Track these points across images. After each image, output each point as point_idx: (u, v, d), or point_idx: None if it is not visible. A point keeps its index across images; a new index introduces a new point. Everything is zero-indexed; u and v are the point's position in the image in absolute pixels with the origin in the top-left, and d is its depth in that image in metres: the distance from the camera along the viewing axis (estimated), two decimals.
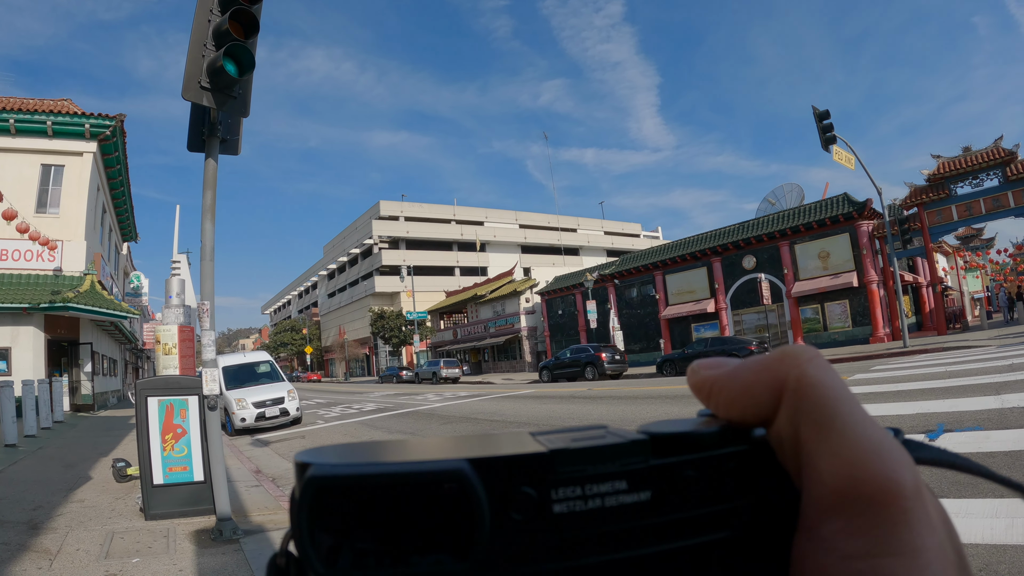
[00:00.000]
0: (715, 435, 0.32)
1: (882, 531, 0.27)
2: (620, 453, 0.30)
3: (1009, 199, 27.35)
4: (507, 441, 0.31)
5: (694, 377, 0.37)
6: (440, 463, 0.27)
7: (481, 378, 43.44)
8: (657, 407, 13.30)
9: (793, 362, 0.32)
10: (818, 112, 21.74)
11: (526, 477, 0.28)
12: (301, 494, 0.26)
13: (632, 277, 40.58)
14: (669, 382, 21.05)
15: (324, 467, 0.27)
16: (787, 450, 0.31)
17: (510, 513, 0.28)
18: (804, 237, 32.07)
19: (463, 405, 19.06)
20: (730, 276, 35.15)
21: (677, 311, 37.23)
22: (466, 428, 13.44)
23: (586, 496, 0.29)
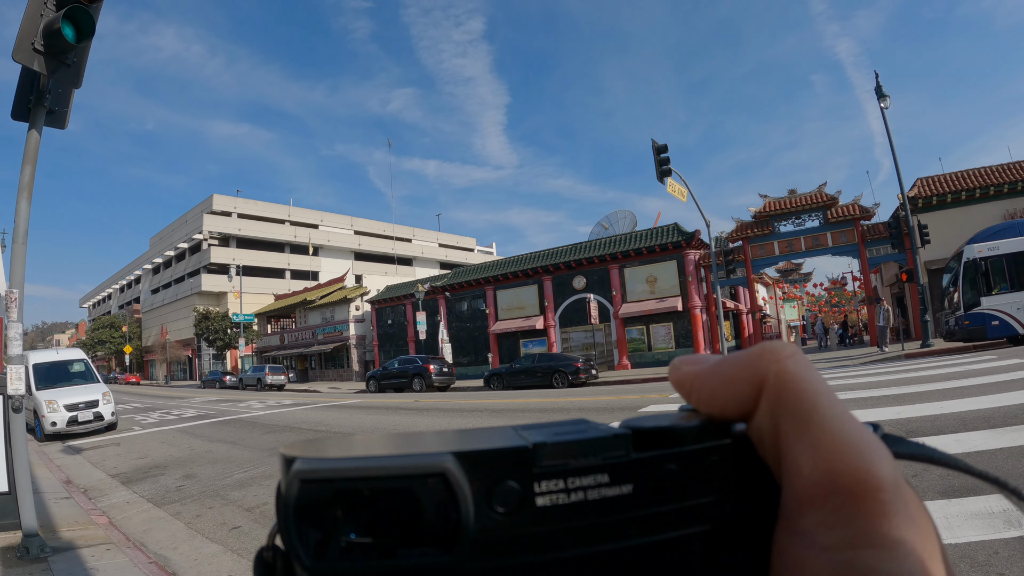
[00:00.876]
0: (696, 430, 0.32)
1: (860, 523, 0.27)
2: (602, 447, 0.30)
3: (828, 239, 29.62)
4: (490, 435, 0.31)
5: (676, 373, 0.37)
6: (424, 457, 0.27)
7: (307, 386, 41.58)
8: (483, 420, 13.06)
9: (773, 357, 0.32)
10: (657, 145, 22.17)
11: (509, 470, 0.28)
12: (287, 488, 0.27)
13: (464, 291, 39.98)
14: (496, 396, 21.12)
15: (310, 461, 0.27)
16: (767, 444, 0.31)
17: (494, 506, 0.28)
18: (634, 262, 32.95)
19: (287, 414, 18.44)
20: (560, 295, 35.48)
21: (507, 326, 36.96)
22: (289, 438, 12.43)
23: (568, 489, 0.29)
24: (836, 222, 29.49)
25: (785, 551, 0.29)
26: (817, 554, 0.28)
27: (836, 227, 29.56)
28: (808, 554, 0.28)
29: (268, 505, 6.62)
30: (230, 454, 10.78)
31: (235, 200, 69.68)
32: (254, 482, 8.13)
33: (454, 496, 0.27)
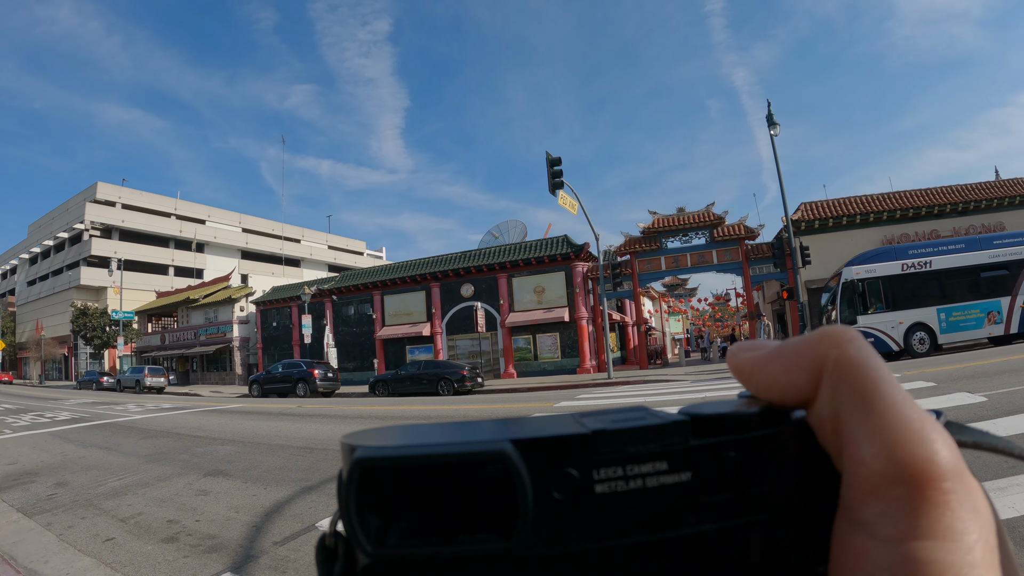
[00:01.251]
0: (755, 416, 0.31)
1: (923, 514, 0.26)
2: (661, 434, 0.29)
3: (713, 256, 30.37)
4: (548, 423, 0.30)
5: (734, 359, 0.36)
6: (484, 443, 0.27)
7: (188, 389, 39.16)
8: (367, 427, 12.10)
9: (832, 342, 0.31)
10: (551, 158, 22.18)
11: (568, 457, 0.28)
12: (349, 474, 0.27)
13: (351, 294, 38.97)
14: (381, 403, 20.72)
15: (370, 449, 0.27)
16: (827, 432, 0.30)
17: (552, 493, 0.28)
18: (523, 271, 32.92)
19: (166, 418, 17.34)
20: (448, 302, 35.07)
21: (393, 332, 36.15)
22: (167, 443, 11.50)
23: (627, 476, 0.28)
24: (722, 240, 30.25)
25: (845, 541, 0.29)
26: (877, 545, 0.27)
27: (722, 245, 30.31)
28: (868, 544, 0.27)
29: (144, 515, 6.02)
30: (105, 460, 9.87)
31: (120, 189, 65.71)
32: (129, 491, 7.36)
33: (513, 482, 0.27)
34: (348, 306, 39.32)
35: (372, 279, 38.30)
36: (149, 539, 5.20)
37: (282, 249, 73.91)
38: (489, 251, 35.16)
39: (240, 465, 8.44)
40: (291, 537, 4.91)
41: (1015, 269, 19.87)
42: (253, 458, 8.98)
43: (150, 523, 5.70)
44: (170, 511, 6.10)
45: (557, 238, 33.37)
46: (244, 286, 50.14)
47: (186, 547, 4.90)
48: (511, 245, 35.09)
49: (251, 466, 8.31)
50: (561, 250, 31.90)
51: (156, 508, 6.27)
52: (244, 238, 72.58)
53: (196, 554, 4.71)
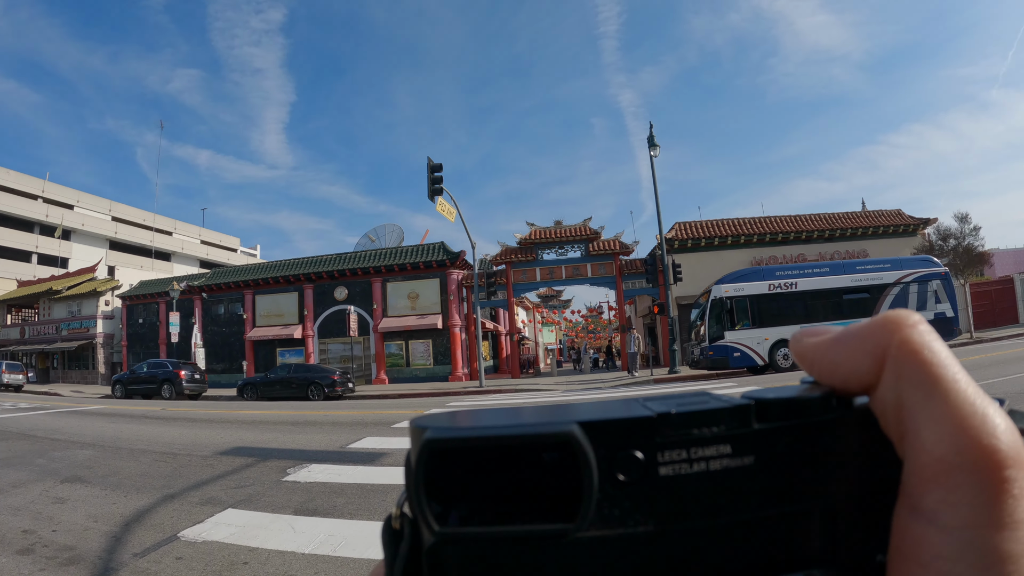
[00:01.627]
0: (818, 401, 0.31)
1: (986, 501, 0.26)
2: (725, 417, 0.30)
3: (588, 269, 31.08)
4: (614, 406, 0.31)
5: (798, 345, 0.36)
6: (550, 425, 0.27)
7: (48, 387, 37.06)
8: (233, 432, 12.13)
9: (895, 327, 0.31)
10: (432, 164, 22.15)
11: (633, 440, 0.28)
12: (418, 456, 0.27)
13: (222, 292, 37.65)
14: (249, 406, 20.14)
15: (440, 430, 0.27)
16: (890, 418, 0.30)
17: (617, 475, 0.28)
18: (397, 276, 32.78)
19: (23, 419, 16.42)
20: (321, 304, 34.54)
21: (264, 334, 35.15)
22: (23, 446, 10.76)
23: (691, 459, 0.29)
24: (597, 255, 30.99)
25: (905, 529, 0.28)
26: (939, 533, 0.27)
27: (597, 259, 31.06)
28: (929, 533, 0.27)
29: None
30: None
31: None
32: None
33: (579, 463, 0.27)
34: (218, 305, 37.99)
35: (244, 277, 37.18)
36: (3, 551, 4.87)
37: (153, 241, 69.90)
38: (365, 254, 34.86)
39: (100, 471, 8.05)
40: (152, 548, 4.71)
41: (875, 293, 21.33)
42: (114, 463, 8.60)
43: (4, 533, 5.34)
44: (25, 520, 5.75)
45: (434, 244, 33.42)
46: (111, 279, 47.48)
47: (42, 559, 4.62)
48: (387, 249, 34.93)
49: (111, 472, 7.95)
50: (437, 257, 31.93)
51: (10, 517, 5.89)
52: (114, 227, 68.46)
53: (53, 567, 4.44)
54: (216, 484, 6.85)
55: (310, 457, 8.48)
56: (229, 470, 7.70)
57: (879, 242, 31.18)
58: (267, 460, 8.34)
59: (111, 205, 70.27)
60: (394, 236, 40.87)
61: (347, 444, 9.55)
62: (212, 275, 40.42)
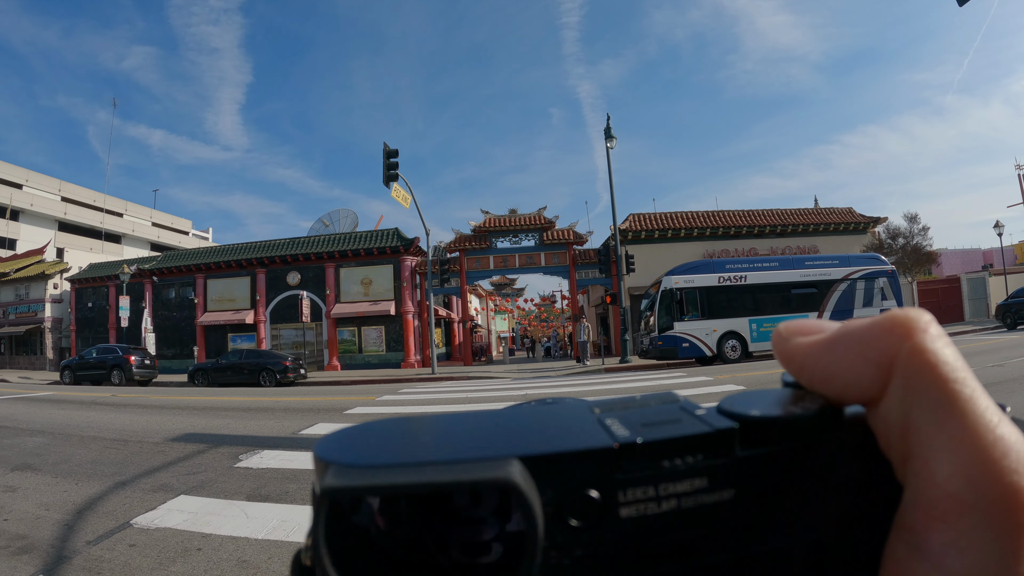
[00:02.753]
0: (812, 420, 0.27)
1: (1002, 549, 0.23)
2: (702, 445, 0.26)
3: (542, 258, 31.39)
4: (563, 425, 0.27)
5: (784, 345, 0.31)
6: (486, 466, 0.23)
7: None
8: (185, 418, 12.02)
9: (906, 332, 0.27)
10: (388, 149, 22.12)
11: (589, 477, 0.24)
12: (317, 504, 0.23)
13: (173, 276, 37.10)
14: (200, 392, 20.06)
15: (345, 473, 0.23)
16: (893, 438, 0.26)
17: (568, 519, 0.24)
18: (351, 262, 32.71)
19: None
20: (273, 289, 34.20)
21: (215, 318, 34.77)
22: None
23: (659, 497, 0.25)
24: (551, 244, 31.30)
25: (903, 570, 0.25)
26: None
27: (550, 248, 31.38)
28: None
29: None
30: None
31: None
32: None
33: (521, 510, 0.23)
34: (169, 289, 37.43)
35: (196, 261, 36.72)
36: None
37: (103, 223, 68.44)
38: (319, 239, 34.66)
39: (50, 459, 7.97)
40: (105, 535, 4.70)
41: (823, 288, 21.82)
42: (64, 451, 8.52)
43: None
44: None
45: (388, 231, 33.43)
46: (59, 261, 46.49)
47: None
48: (341, 235, 34.78)
49: (62, 459, 7.88)
50: (391, 243, 31.96)
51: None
52: (63, 208, 66.51)
53: (5, 556, 4.42)
54: (168, 471, 6.86)
55: (262, 443, 8.47)
56: (181, 456, 7.69)
57: (830, 239, 32.06)
58: (219, 446, 8.34)
59: (61, 185, 68.34)
60: (348, 221, 40.62)
61: (299, 430, 9.57)
62: (163, 258, 39.78)
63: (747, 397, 0.29)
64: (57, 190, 67.07)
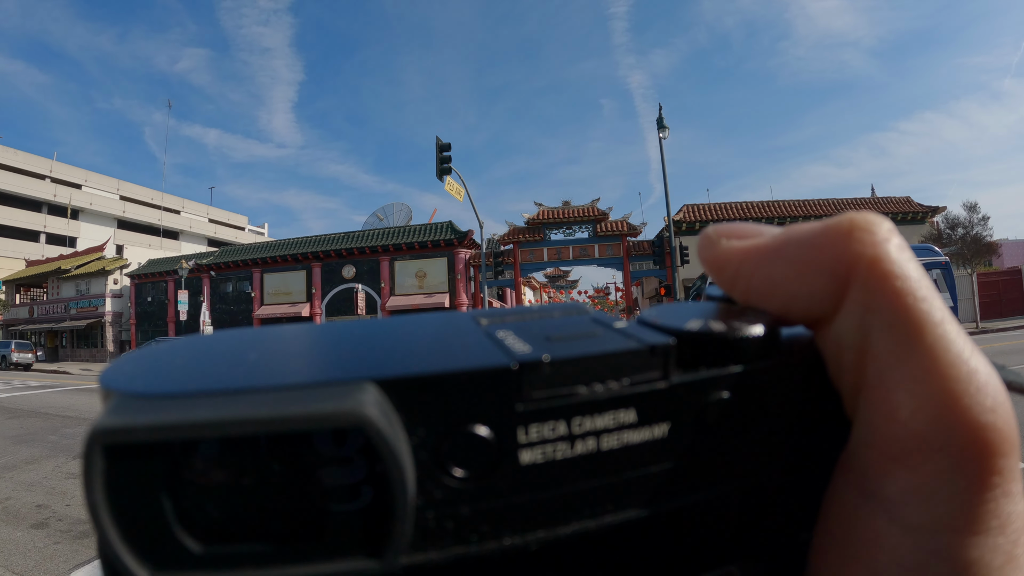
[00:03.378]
0: (760, 340, 0.22)
1: (971, 498, 0.20)
2: (631, 365, 0.20)
3: (595, 250, 31.00)
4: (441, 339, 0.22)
5: (713, 249, 0.27)
6: (326, 392, 0.17)
7: (57, 366, 37.46)
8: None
9: (867, 238, 0.23)
10: (440, 143, 22.11)
11: (477, 409, 0.19)
12: (86, 454, 0.17)
13: (230, 271, 37.79)
14: None
15: (127, 405, 0.17)
16: (845, 363, 0.23)
17: (449, 468, 0.19)
18: (405, 255, 32.80)
19: (33, 397, 16.72)
20: (328, 283, 34.51)
21: (271, 311, 35.24)
22: (35, 424, 10.86)
23: (573, 436, 0.19)
24: (604, 235, 30.90)
25: (853, 518, 0.22)
26: (901, 534, 0.20)
27: (604, 240, 30.95)
28: (890, 532, 0.21)
29: (12, 500, 5.76)
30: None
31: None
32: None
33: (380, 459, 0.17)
34: (227, 283, 38.18)
35: (252, 256, 37.30)
36: (18, 525, 4.99)
37: (161, 220, 70.25)
38: (373, 233, 34.90)
39: None
40: None
41: None
42: None
43: (19, 508, 5.49)
44: (39, 495, 5.89)
45: (442, 223, 33.41)
46: (119, 257, 47.87)
47: (57, 532, 4.74)
48: (395, 228, 34.99)
49: None
50: (445, 236, 31.93)
51: (25, 492, 6.04)
52: (122, 206, 68.76)
53: (67, 540, 4.54)
54: None
55: None
56: None
57: None
58: None
59: (119, 184, 70.34)
60: (402, 215, 40.92)
61: None
62: (220, 253, 40.63)
63: (673, 308, 0.24)
64: (115, 189, 68.88)
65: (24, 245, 59.93)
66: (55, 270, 47.90)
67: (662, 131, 25.71)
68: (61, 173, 64.87)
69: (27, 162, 62.85)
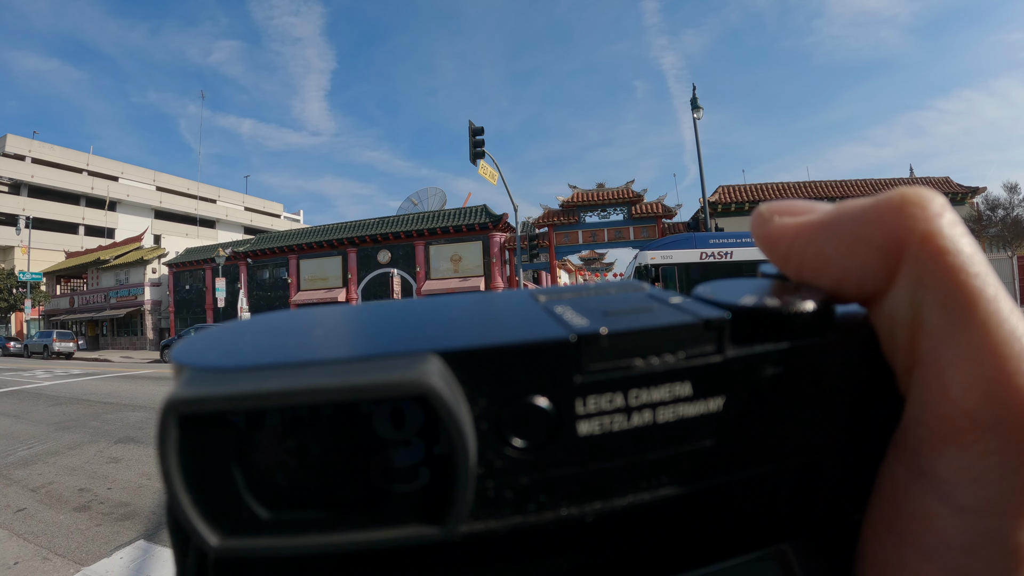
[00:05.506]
0: (814, 315, 0.22)
1: (1020, 479, 0.19)
2: (687, 338, 0.21)
3: (630, 232, 30.69)
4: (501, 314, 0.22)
5: (765, 227, 0.27)
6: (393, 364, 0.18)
7: (98, 354, 38.01)
8: None
9: (919, 213, 0.22)
10: (473, 127, 22.03)
11: (537, 381, 0.19)
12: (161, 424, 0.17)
13: (267, 258, 38.13)
14: None
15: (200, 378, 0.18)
16: (899, 340, 0.22)
17: (509, 438, 0.19)
18: (440, 239, 32.77)
19: (75, 384, 16.94)
20: (364, 268, 34.67)
21: (308, 297, 35.33)
22: (77, 410, 11.07)
23: (629, 408, 0.20)
24: (640, 218, 30.61)
25: (903, 497, 0.22)
26: (951, 515, 0.20)
27: (639, 222, 30.64)
28: (938, 512, 0.20)
29: (55, 484, 5.91)
30: (13, 429, 9.50)
31: (31, 143, 62.06)
32: (39, 459, 7.13)
33: (444, 429, 0.18)
34: (263, 270, 38.51)
35: (288, 243, 37.57)
36: (61, 508, 5.08)
37: (197, 209, 71.14)
38: (408, 218, 34.93)
39: (151, 432, 8.16)
40: None
41: None
42: None
43: (61, 492, 5.59)
44: (82, 479, 5.98)
45: (476, 207, 33.35)
46: (157, 247, 48.57)
47: (99, 515, 4.81)
48: (430, 212, 34.95)
49: None
50: (480, 220, 31.89)
51: (67, 477, 6.14)
52: (158, 197, 69.65)
53: (109, 522, 4.62)
54: None
55: None
56: None
57: None
58: None
59: (155, 175, 71.20)
60: (436, 200, 40.98)
61: None
62: (256, 241, 40.92)
63: (729, 284, 0.24)
64: (152, 180, 69.86)
65: (64, 237, 61.10)
66: (94, 261, 48.77)
67: (696, 111, 25.35)
68: (98, 166, 65.97)
69: (64, 157, 64.01)
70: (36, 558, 4.06)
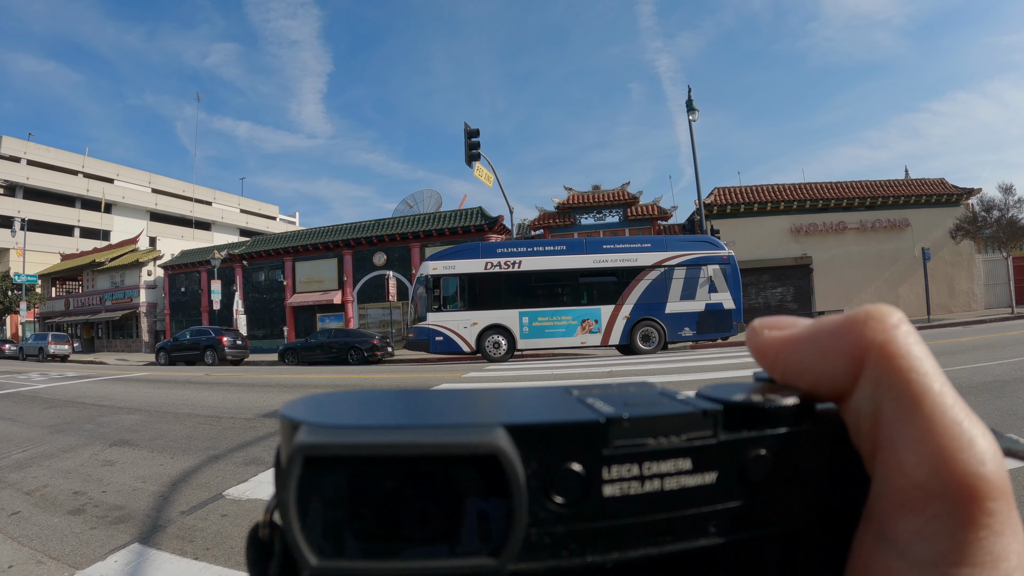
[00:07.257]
0: (791, 410, 0.27)
1: (964, 537, 0.24)
2: (688, 424, 0.26)
3: (626, 234, 30.54)
4: (546, 401, 0.27)
5: (757, 338, 0.32)
6: (471, 431, 0.23)
7: (93, 357, 38.13)
8: (276, 395, 12.31)
9: (878, 326, 0.27)
10: (469, 129, 22.12)
11: (575, 451, 0.24)
12: (288, 462, 0.22)
13: (262, 260, 38.08)
14: (290, 371, 20.42)
15: (318, 430, 0.22)
16: (863, 430, 0.27)
17: (552, 495, 0.24)
18: (436, 241, 32.65)
19: (70, 387, 16.68)
20: (360, 270, 34.73)
21: (304, 299, 35.54)
22: (72, 413, 11.02)
23: (643, 476, 0.25)
24: (635, 219, 30.91)
25: (870, 557, 0.26)
26: (908, 567, 0.24)
27: (635, 224, 30.91)
28: (898, 567, 0.25)
29: (49, 488, 5.83)
30: (7, 432, 9.42)
31: (26, 144, 61.92)
32: (34, 462, 7.10)
33: (506, 483, 0.22)
34: (259, 272, 38.50)
35: (284, 245, 37.58)
36: (56, 511, 5.05)
37: (193, 211, 71.06)
38: (403, 220, 34.95)
39: (146, 434, 8.24)
40: (198, 506, 4.85)
41: (624, 277, 19.15)
42: (159, 427, 8.79)
43: (56, 495, 5.54)
44: (76, 482, 5.94)
45: (472, 209, 33.41)
46: (152, 249, 48.37)
47: (93, 518, 4.78)
48: (425, 215, 34.99)
49: (157, 435, 8.13)
50: (475, 222, 31.94)
51: (62, 480, 6.10)
52: (154, 199, 69.66)
53: (103, 525, 4.60)
54: (260, 445, 7.00)
55: None
56: (272, 432, 7.74)
57: (921, 211, 30.61)
58: None
59: (151, 177, 71.17)
60: (432, 202, 40.85)
61: None
62: (252, 243, 40.88)
63: (726, 387, 0.29)
64: (147, 182, 69.80)
65: (59, 240, 60.95)
66: (90, 263, 48.67)
67: (691, 113, 25.42)
68: (93, 168, 65.89)
69: (60, 159, 63.95)
70: (30, 561, 4.03)
